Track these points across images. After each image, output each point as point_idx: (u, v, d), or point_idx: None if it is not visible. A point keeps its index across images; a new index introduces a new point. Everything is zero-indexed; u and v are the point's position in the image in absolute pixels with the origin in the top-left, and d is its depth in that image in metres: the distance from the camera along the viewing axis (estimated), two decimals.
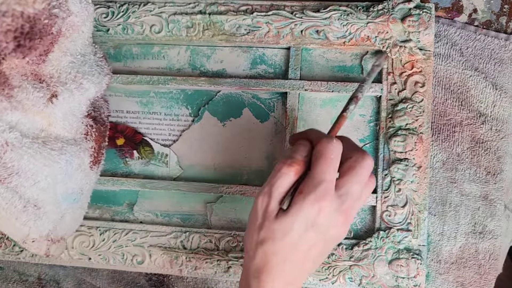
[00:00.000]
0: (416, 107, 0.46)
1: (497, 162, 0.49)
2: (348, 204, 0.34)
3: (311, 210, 0.33)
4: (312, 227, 0.34)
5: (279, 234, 0.34)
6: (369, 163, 0.35)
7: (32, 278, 0.52)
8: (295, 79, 0.48)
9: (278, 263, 0.34)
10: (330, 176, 0.33)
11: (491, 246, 0.48)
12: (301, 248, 0.34)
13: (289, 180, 0.34)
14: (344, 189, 0.34)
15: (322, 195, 0.33)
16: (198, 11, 0.49)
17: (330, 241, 0.36)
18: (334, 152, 0.34)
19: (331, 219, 0.34)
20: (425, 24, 0.46)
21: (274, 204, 0.34)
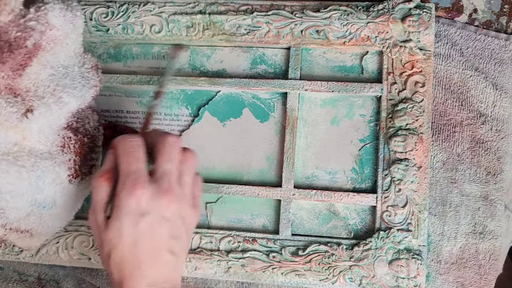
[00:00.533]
0: (416, 107, 0.46)
1: (497, 162, 0.48)
2: (167, 183, 0.35)
3: (129, 203, 0.34)
4: (140, 217, 0.34)
5: (114, 240, 0.34)
6: (170, 139, 0.36)
7: (32, 278, 0.52)
8: (295, 79, 0.48)
9: (131, 268, 0.34)
10: (133, 166, 0.35)
11: (492, 246, 0.48)
12: (143, 243, 0.34)
13: (105, 190, 0.36)
14: (158, 172, 0.35)
15: (132, 185, 0.34)
16: (198, 11, 0.49)
17: (173, 222, 0.36)
18: (131, 146, 0.36)
19: (155, 202, 0.34)
20: (425, 24, 0.46)
21: (100, 217, 0.35)
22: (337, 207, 0.48)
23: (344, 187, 0.48)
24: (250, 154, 0.49)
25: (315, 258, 0.46)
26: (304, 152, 0.49)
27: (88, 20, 0.50)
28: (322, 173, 0.48)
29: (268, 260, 0.46)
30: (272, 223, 0.48)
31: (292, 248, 0.46)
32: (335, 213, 0.48)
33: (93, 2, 0.50)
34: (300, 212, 0.48)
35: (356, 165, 0.48)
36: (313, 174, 0.48)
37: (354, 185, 0.48)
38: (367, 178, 0.48)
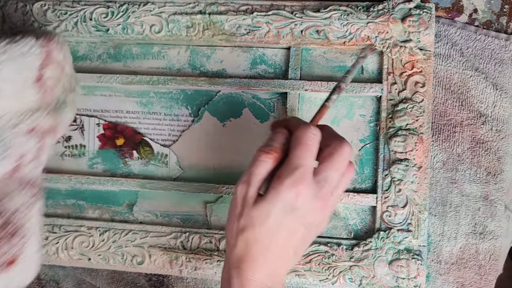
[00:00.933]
0: (416, 107, 0.46)
1: (498, 163, 0.48)
2: (326, 190, 0.35)
3: (289, 194, 0.33)
4: (291, 212, 0.34)
5: (258, 220, 0.34)
6: (347, 150, 0.35)
7: None
8: (295, 79, 0.48)
9: (258, 251, 0.34)
10: (307, 161, 0.34)
11: (492, 246, 0.48)
12: (281, 235, 0.34)
13: (267, 167, 0.35)
14: (322, 176, 0.34)
15: (299, 179, 0.33)
16: (198, 11, 0.49)
17: (309, 228, 0.35)
18: (311, 139, 0.34)
19: (309, 204, 0.34)
20: (425, 24, 0.46)
21: (253, 191, 0.34)
22: (337, 207, 0.48)
23: None
24: (250, 154, 0.49)
25: (315, 258, 0.46)
26: None
27: (88, 20, 0.50)
28: None
29: None
30: None
31: None
32: (335, 213, 0.48)
33: (93, 2, 0.50)
34: None
35: (356, 165, 0.48)
36: None
37: (354, 185, 0.48)
38: (367, 178, 0.48)
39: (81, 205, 0.51)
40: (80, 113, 0.51)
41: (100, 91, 0.51)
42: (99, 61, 0.51)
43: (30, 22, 0.50)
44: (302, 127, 0.35)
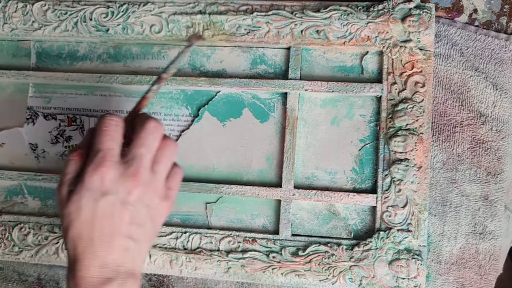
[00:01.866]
0: (416, 107, 0.46)
1: (498, 163, 0.48)
2: (136, 167, 0.34)
3: (93, 179, 0.33)
4: (102, 197, 0.34)
5: (73, 215, 0.34)
6: (151, 124, 0.36)
7: (31, 278, 0.52)
8: (295, 79, 0.48)
9: (85, 246, 0.33)
10: (105, 145, 0.34)
11: (492, 246, 0.48)
12: (101, 223, 0.34)
13: (74, 165, 0.35)
14: (129, 155, 0.35)
15: (99, 162, 0.34)
16: (198, 11, 0.49)
17: (136, 208, 0.35)
18: (105, 124, 0.35)
19: (121, 185, 0.34)
20: (425, 24, 0.46)
21: (65, 190, 0.35)
22: (337, 207, 0.48)
23: (344, 187, 0.48)
24: (250, 154, 0.49)
25: (315, 258, 0.46)
26: (304, 152, 0.49)
27: (88, 20, 0.50)
28: (322, 173, 0.48)
29: (268, 260, 0.46)
30: (272, 223, 0.48)
31: (292, 248, 0.46)
32: (335, 214, 0.48)
33: (93, 2, 0.50)
34: (300, 212, 0.48)
35: (356, 165, 0.48)
36: (313, 174, 0.48)
37: (354, 185, 0.48)
38: (367, 178, 0.48)
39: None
40: (80, 113, 0.51)
41: (100, 91, 0.51)
42: (99, 61, 0.51)
43: (30, 22, 0.50)
44: (100, 118, 0.36)
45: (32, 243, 0.49)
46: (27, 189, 0.52)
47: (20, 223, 0.50)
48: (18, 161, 0.52)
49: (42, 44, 0.52)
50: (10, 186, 0.52)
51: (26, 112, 0.52)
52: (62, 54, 0.52)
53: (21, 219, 0.50)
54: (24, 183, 0.51)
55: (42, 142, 0.52)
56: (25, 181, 0.50)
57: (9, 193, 0.52)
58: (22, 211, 0.51)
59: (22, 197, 0.52)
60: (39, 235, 0.49)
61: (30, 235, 0.49)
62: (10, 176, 0.51)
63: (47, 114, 0.52)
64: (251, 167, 0.49)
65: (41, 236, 0.49)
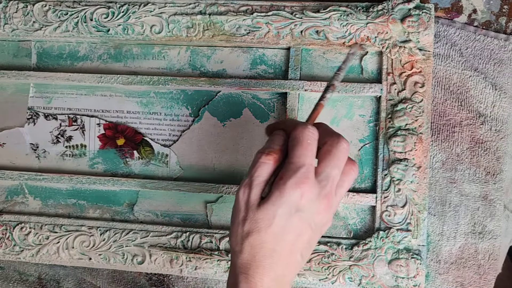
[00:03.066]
0: (415, 107, 0.46)
1: (497, 162, 0.49)
2: (329, 188, 0.34)
3: (293, 194, 0.33)
4: (296, 213, 0.33)
5: (263, 223, 0.33)
6: (344, 145, 0.35)
7: (32, 278, 0.53)
8: (295, 79, 0.48)
9: (265, 255, 0.33)
10: (308, 160, 0.33)
11: (491, 246, 0.48)
12: (287, 237, 0.34)
13: (268, 169, 0.34)
14: (323, 174, 0.34)
15: (302, 179, 0.33)
16: (198, 12, 0.49)
17: (315, 229, 0.35)
18: (309, 137, 0.34)
19: (314, 204, 0.34)
20: (424, 25, 0.47)
21: (255, 194, 0.34)
22: None
23: None
24: (250, 154, 0.49)
25: (314, 257, 0.46)
26: None
27: (88, 20, 0.50)
28: None
29: None
30: None
31: None
32: (334, 213, 0.48)
33: (94, 3, 0.50)
34: None
35: None
36: None
37: (354, 185, 0.48)
38: (366, 178, 0.48)
39: (81, 204, 0.51)
40: (81, 113, 0.52)
41: (101, 91, 0.51)
42: (99, 61, 0.52)
43: (31, 23, 0.50)
44: (300, 127, 0.34)
45: (32, 242, 0.49)
46: (28, 189, 0.52)
47: (21, 222, 0.50)
48: (19, 161, 0.52)
49: (42, 45, 0.52)
50: (11, 186, 0.52)
51: (27, 112, 0.52)
52: (62, 54, 0.52)
53: (22, 218, 0.50)
54: (25, 183, 0.51)
55: (43, 142, 0.52)
56: (26, 181, 0.51)
57: (10, 193, 0.52)
58: (23, 211, 0.51)
59: (23, 196, 0.52)
60: (40, 234, 0.49)
61: (31, 235, 0.49)
62: (11, 176, 0.51)
63: (47, 114, 0.52)
64: None
65: (41, 235, 0.49)
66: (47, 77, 0.50)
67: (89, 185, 0.50)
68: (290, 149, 0.34)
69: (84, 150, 0.51)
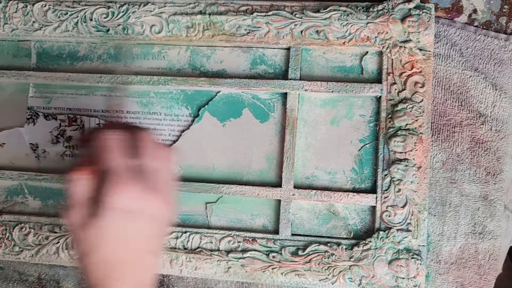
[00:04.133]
0: (416, 107, 0.46)
1: (497, 163, 0.49)
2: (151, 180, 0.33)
3: (115, 199, 0.31)
4: (127, 214, 0.32)
5: (98, 238, 0.32)
6: (143, 135, 0.34)
7: (32, 278, 0.53)
8: (295, 79, 0.48)
9: (114, 268, 0.32)
10: (114, 161, 0.32)
11: (491, 246, 0.48)
12: (129, 244, 0.32)
13: (85, 184, 0.33)
14: (136, 168, 0.33)
15: (117, 180, 0.32)
16: (198, 11, 0.49)
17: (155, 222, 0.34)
18: (107, 140, 0.33)
19: (141, 200, 0.32)
20: (425, 25, 0.46)
21: (82, 212, 0.32)
22: (337, 207, 0.48)
23: (344, 187, 0.48)
24: (250, 154, 0.49)
25: (315, 258, 0.46)
26: (304, 152, 0.49)
27: (88, 20, 0.50)
28: (322, 173, 0.48)
29: (268, 260, 0.46)
30: (272, 223, 0.48)
31: (292, 248, 0.46)
32: (334, 213, 0.48)
33: (94, 3, 0.50)
34: (300, 212, 0.48)
35: (356, 165, 0.48)
36: (313, 174, 0.48)
37: (354, 185, 0.48)
38: (366, 178, 0.48)
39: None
40: (81, 113, 0.52)
41: (101, 91, 0.51)
42: (99, 61, 0.51)
43: (31, 23, 0.50)
44: (95, 135, 0.34)
45: (32, 242, 0.49)
46: (27, 189, 0.52)
47: (21, 223, 0.50)
48: (18, 161, 0.52)
49: (42, 44, 0.52)
50: (11, 186, 0.52)
51: (26, 112, 0.52)
52: (62, 54, 0.52)
53: (22, 219, 0.50)
54: (24, 183, 0.51)
55: (43, 142, 0.52)
56: (26, 181, 0.51)
57: (10, 193, 0.52)
58: (23, 211, 0.51)
59: (23, 197, 0.52)
60: (40, 235, 0.49)
61: (30, 235, 0.49)
62: (10, 176, 0.51)
63: (47, 114, 0.52)
64: (251, 167, 0.49)
65: (41, 236, 0.49)
66: (46, 77, 0.50)
67: None
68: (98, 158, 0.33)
69: None
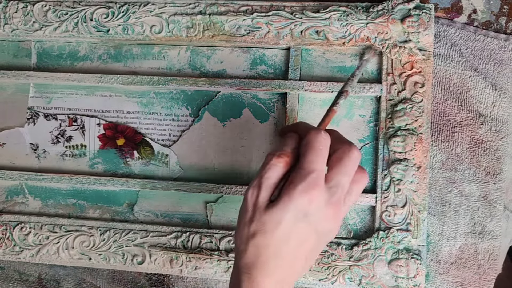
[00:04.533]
0: (415, 107, 0.46)
1: (497, 163, 0.49)
2: (338, 196, 0.34)
3: (301, 199, 0.33)
4: (303, 218, 0.33)
5: (270, 226, 0.33)
6: (356, 154, 0.35)
7: (32, 278, 0.53)
8: (295, 79, 0.48)
9: (269, 257, 0.33)
10: (319, 166, 0.33)
11: (491, 246, 0.48)
12: (292, 241, 0.34)
13: (279, 171, 0.34)
14: (333, 181, 0.34)
15: (312, 184, 0.33)
16: (198, 12, 0.49)
17: (321, 236, 0.35)
18: (322, 143, 0.34)
19: (322, 211, 0.33)
20: (424, 25, 0.47)
21: (264, 195, 0.34)
22: None
23: None
24: (250, 154, 0.50)
25: None
26: None
27: (88, 20, 0.50)
28: None
29: None
30: None
31: None
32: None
33: (94, 3, 0.50)
34: None
35: None
36: None
37: None
38: None
39: (81, 205, 0.51)
40: (81, 113, 0.52)
41: (101, 91, 0.51)
42: (99, 62, 0.52)
43: (31, 23, 0.50)
44: (313, 132, 0.34)
45: (32, 242, 0.49)
46: (28, 189, 0.52)
47: (21, 222, 0.50)
48: (19, 161, 0.52)
49: (42, 45, 0.52)
50: (11, 186, 0.52)
51: (26, 112, 0.52)
52: (62, 54, 0.52)
53: (22, 218, 0.50)
54: (25, 183, 0.51)
55: (43, 142, 0.52)
56: (26, 181, 0.51)
57: (10, 193, 0.52)
58: (23, 211, 0.51)
59: (23, 197, 0.52)
60: (40, 234, 0.49)
61: (30, 235, 0.49)
62: (11, 176, 0.51)
63: (47, 114, 0.52)
64: (251, 167, 0.49)
65: (41, 235, 0.49)
66: (47, 77, 0.50)
67: (89, 185, 0.50)
68: (302, 154, 0.34)
69: (84, 150, 0.52)
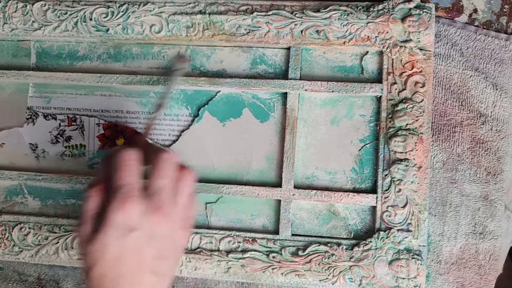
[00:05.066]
0: (416, 107, 0.46)
1: (498, 163, 0.48)
2: (160, 199, 0.34)
3: (118, 217, 0.33)
4: (129, 233, 0.33)
5: (98, 253, 0.33)
6: (165, 155, 0.35)
7: (31, 278, 0.52)
8: (295, 79, 0.48)
9: (111, 285, 0.33)
10: (128, 179, 0.34)
11: (492, 246, 0.48)
12: (127, 260, 0.33)
13: (95, 201, 0.35)
14: (151, 188, 0.34)
15: (124, 198, 0.33)
16: (198, 11, 0.49)
17: (163, 241, 0.34)
18: (125, 159, 0.34)
19: (145, 220, 0.33)
20: (425, 24, 0.46)
21: (86, 229, 0.34)
22: (337, 207, 0.48)
23: (344, 187, 0.48)
24: (250, 154, 0.49)
25: (315, 258, 0.46)
26: (304, 152, 0.49)
27: (88, 20, 0.50)
28: (322, 173, 0.48)
29: (268, 260, 0.46)
30: (272, 223, 0.48)
31: (292, 248, 0.46)
32: (335, 213, 0.48)
33: (93, 2, 0.50)
34: (300, 212, 0.48)
35: (356, 165, 0.48)
36: (313, 174, 0.48)
37: (354, 185, 0.48)
38: (367, 178, 0.48)
39: (81, 205, 0.51)
40: (80, 113, 0.51)
41: (100, 91, 0.51)
42: (99, 61, 0.51)
43: (30, 22, 0.50)
44: (115, 153, 0.35)
45: (32, 243, 0.49)
46: (27, 189, 0.52)
47: (20, 223, 0.50)
48: (18, 161, 0.52)
49: (42, 44, 0.52)
50: (10, 186, 0.52)
51: (26, 112, 0.52)
52: (62, 54, 0.52)
53: (21, 219, 0.50)
54: (24, 183, 0.51)
55: (42, 142, 0.52)
56: (25, 181, 0.50)
57: (9, 193, 0.52)
58: (22, 211, 0.51)
59: (22, 197, 0.52)
60: (39, 235, 0.49)
61: (30, 235, 0.49)
62: (10, 176, 0.51)
63: (47, 114, 0.52)
64: (251, 167, 0.49)
65: (41, 236, 0.49)
66: (46, 77, 0.50)
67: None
68: (112, 176, 0.34)
69: (83, 150, 0.51)
